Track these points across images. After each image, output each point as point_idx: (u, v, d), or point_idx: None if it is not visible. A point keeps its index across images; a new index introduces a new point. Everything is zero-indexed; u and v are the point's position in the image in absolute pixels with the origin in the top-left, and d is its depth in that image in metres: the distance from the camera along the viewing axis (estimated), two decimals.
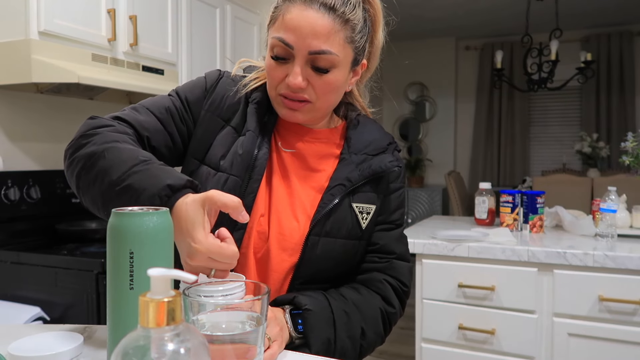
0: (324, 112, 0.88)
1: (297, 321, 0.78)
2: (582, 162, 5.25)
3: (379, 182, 0.90)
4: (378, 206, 0.89)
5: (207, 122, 0.87)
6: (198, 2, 2.47)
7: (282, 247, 0.84)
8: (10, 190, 1.83)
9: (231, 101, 0.89)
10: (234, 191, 0.82)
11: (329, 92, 0.82)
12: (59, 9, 1.75)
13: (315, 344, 0.77)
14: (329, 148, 0.91)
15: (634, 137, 2.07)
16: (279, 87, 0.82)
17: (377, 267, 0.90)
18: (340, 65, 0.81)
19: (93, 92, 2.15)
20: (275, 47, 0.80)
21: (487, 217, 2.16)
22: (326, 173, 0.89)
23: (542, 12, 4.49)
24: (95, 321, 1.55)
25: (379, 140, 0.92)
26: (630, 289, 1.60)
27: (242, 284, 0.65)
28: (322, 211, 0.84)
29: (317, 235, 0.83)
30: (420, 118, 6.30)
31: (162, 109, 0.86)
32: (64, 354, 0.68)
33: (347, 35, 0.79)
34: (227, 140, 0.86)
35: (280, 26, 0.79)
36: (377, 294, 0.88)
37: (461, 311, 1.80)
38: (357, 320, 0.83)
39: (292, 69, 0.79)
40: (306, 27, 0.76)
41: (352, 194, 0.86)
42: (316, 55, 0.78)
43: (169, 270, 0.39)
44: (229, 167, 0.83)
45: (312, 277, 0.85)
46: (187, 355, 0.38)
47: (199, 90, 0.90)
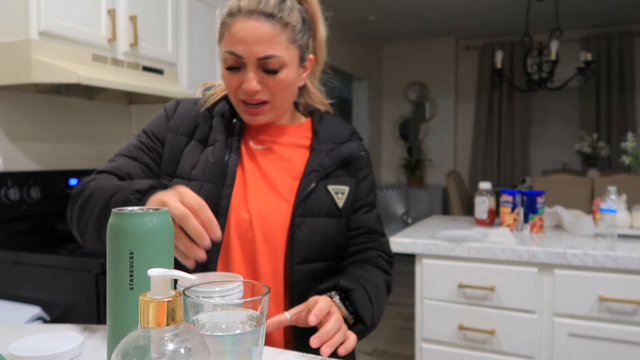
0: (283, 108, 0.96)
1: (345, 303, 0.86)
2: (582, 162, 5.25)
3: (349, 166, 1.00)
4: (352, 187, 0.99)
5: (172, 142, 0.97)
6: (198, 2, 2.47)
7: (264, 229, 0.91)
8: (10, 190, 1.83)
9: (192, 119, 0.98)
10: (210, 196, 0.89)
11: (283, 89, 0.90)
12: (59, 9, 1.75)
13: (367, 318, 0.87)
14: (297, 140, 1.00)
15: (634, 137, 2.07)
16: (238, 93, 0.91)
17: (370, 246, 1.01)
18: (289, 64, 0.89)
19: (93, 92, 2.16)
20: (228, 60, 0.88)
21: (487, 217, 2.16)
22: (299, 162, 0.97)
23: (542, 12, 4.49)
24: (95, 321, 1.55)
25: (343, 131, 1.02)
26: (630, 289, 1.60)
27: (240, 284, 0.65)
28: (301, 194, 0.92)
29: (301, 216, 0.91)
30: (420, 118, 6.30)
31: (131, 149, 0.97)
32: (64, 354, 0.68)
33: (288, 36, 0.87)
34: (194, 153, 0.95)
35: (228, 40, 0.87)
36: (378, 269, 0.99)
37: (461, 311, 1.80)
38: (377, 293, 0.94)
39: (246, 75, 0.88)
40: (251, 37, 0.85)
41: (326, 178, 0.95)
42: (265, 60, 0.86)
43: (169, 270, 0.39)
44: (201, 175, 0.92)
45: (306, 256, 0.92)
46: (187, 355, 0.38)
47: (161, 120, 1.00)
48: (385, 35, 5.98)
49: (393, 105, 6.47)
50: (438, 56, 6.16)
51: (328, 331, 0.75)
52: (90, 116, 2.31)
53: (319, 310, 0.77)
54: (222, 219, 0.89)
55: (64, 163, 2.18)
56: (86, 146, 2.29)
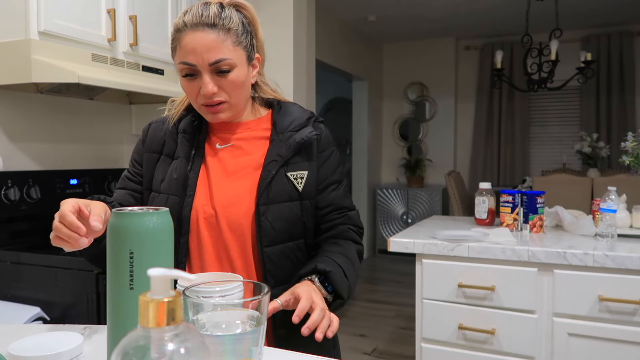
0: (241, 105, 1.05)
1: (325, 284, 0.96)
2: (582, 162, 5.25)
3: (306, 151, 1.07)
4: (312, 170, 1.06)
5: (147, 160, 1.10)
6: (198, 2, 2.47)
7: (230, 220, 1.01)
8: (10, 190, 1.83)
9: (159, 136, 1.10)
10: (174, 207, 1.01)
11: (237, 88, 1.00)
12: (59, 9, 1.75)
13: (345, 294, 0.97)
14: (259, 133, 1.09)
15: (634, 137, 2.07)
16: (198, 99, 1.00)
17: (339, 222, 1.10)
18: (238, 65, 0.98)
19: (93, 92, 2.16)
20: (183, 69, 0.98)
21: (487, 217, 2.16)
22: (260, 153, 1.06)
23: (542, 12, 4.49)
24: (95, 321, 1.55)
25: (299, 118, 1.09)
26: (630, 289, 1.60)
27: (240, 284, 0.65)
28: (262, 185, 1.00)
29: (264, 204, 1.00)
30: (420, 118, 6.30)
31: (122, 180, 1.13)
32: (64, 354, 0.68)
33: (232, 40, 0.97)
34: (164, 167, 1.07)
35: (180, 53, 0.98)
36: (349, 241, 1.10)
37: (461, 311, 1.80)
38: (350, 265, 1.03)
39: (202, 81, 0.97)
40: (200, 46, 0.95)
41: (285, 165, 1.03)
42: (216, 64, 0.96)
43: (169, 270, 0.39)
44: (167, 188, 1.04)
45: (274, 239, 1.01)
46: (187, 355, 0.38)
47: (138, 145, 1.13)
48: (385, 35, 5.98)
49: (393, 105, 6.47)
50: (438, 56, 6.16)
51: (315, 320, 0.82)
52: (90, 116, 2.31)
53: (300, 310, 0.83)
54: (186, 226, 1.01)
55: (63, 163, 2.18)
56: (86, 146, 2.29)
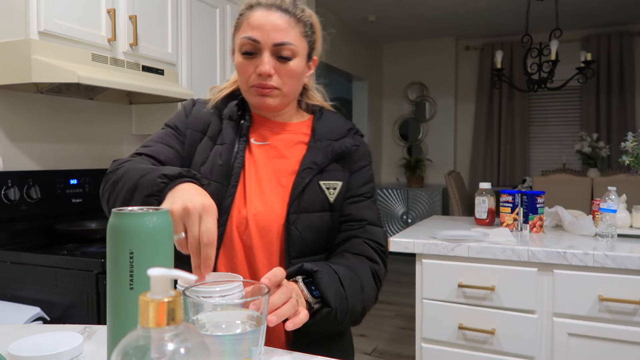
0: (289, 98, 1.02)
1: (311, 288, 0.85)
2: (582, 162, 5.25)
3: (343, 161, 1.03)
4: (345, 182, 1.02)
5: (190, 138, 1.04)
6: (198, 2, 2.47)
7: (259, 226, 0.96)
8: (10, 190, 1.83)
9: (204, 117, 1.05)
10: (215, 194, 0.92)
11: (292, 78, 0.98)
12: (59, 9, 1.75)
13: (333, 300, 0.84)
14: (298, 137, 1.05)
15: (634, 137, 2.07)
16: (251, 79, 0.97)
17: (354, 233, 1.00)
18: (299, 55, 0.97)
19: (93, 92, 2.15)
20: (245, 45, 0.95)
21: (487, 217, 2.16)
22: (296, 159, 1.02)
23: (542, 12, 4.49)
24: (95, 321, 1.55)
25: (340, 128, 1.06)
26: (630, 289, 1.60)
27: (240, 284, 0.65)
28: (295, 193, 0.97)
29: (295, 213, 0.96)
30: (420, 118, 6.30)
31: (164, 136, 1.04)
32: (64, 354, 0.68)
33: (301, 30, 0.97)
34: (205, 150, 1.01)
35: (247, 28, 0.95)
36: (362, 256, 0.98)
37: (461, 311, 1.80)
38: (355, 278, 0.92)
39: (261, 59, 0.94)
40: (268, 25, 0.93)
41: (319, 174, 0.99)
42: (280, 46, 0.94)
43: (169, 270, 0.39)
44: (209, 173, 0.98)
45: (302, 250, 0.95)
46: (187, 355, 0.38)
47: (182, 117, 1.07)
48: (385, 35, 5.98)
49: (393, 105, 6.47)
50: (438, 56, 6.16)
51: (273, 303, 0.71)
52: (90, 116, 2.31)
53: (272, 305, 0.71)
54: (225, 216, 0.95)
55: (64, 163, 2.18)
56: (86, 146, 2.29)
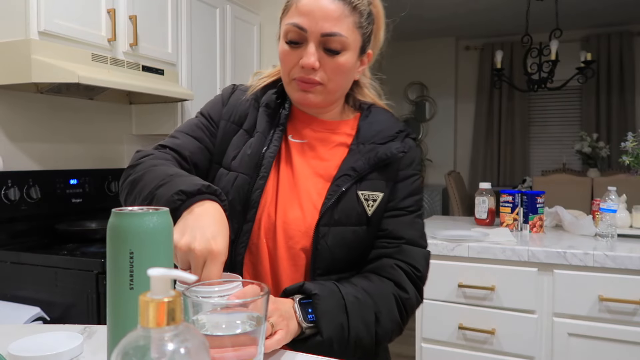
0: (334, 95, 0.91)
1: (307, 310, 0.76)
2: (582, 162, 5.25)
3: (387, 169, 0.90)
4: (387, 193, 0.90)
5: (223, 130, 0.95)
6: (198, 2, 2.47)
7: (287, 235, 0.87)
8: (10, 190, 1.83)
9: (242, 107, 0.96)
10: (243, 188, 0.88)
11: (340, 74, 0.86)
12: (59, 9, 1.75)
13: (327, 329, 0.75)
14: (340, 138, 0.94)
15: (634, 137, 2.07)
16: (293, 71, 0.86)
17: (387, 253, 0.88)
18: (350, 49, 0.85)
19: (93, 92, 2.15)
20: (290, 33, 0.84)
21: (487, 217, 2.16)
22: (335, 162, 0.91)
23: (542, 12, 4.49)
24: (95, 321, 1.55)
25: (388, 129, 0.94)
26: (630, 289, 1.60)
27: (239, 284, 0.65)
28: (328, 203, 0.86)
29: (326, 226, 0.85)
30: (420, 118, 6.30)
31: (194, 128, 0.95)
32: (64, 354, 0.68)
33: (355, 20, 0.84)
34: (239, 143, 0.93)
35: (294, 13, 0.84)
36: (388, 280, 0.86)
37: (461, 311, 1.80)
38: (369, 305, 0.81)
39: (306, 50, 0.83)
40: (318, 12, 0.82)
41: (359, 182, 0.88)
42: (328, 37, 0.82)
43: (169, 270, 0.39)
44: (238, 166, 0.90)
45: (330, 267, 0.85)
46: (187, 355, 0.38)
47: (218, 105, 0.98)
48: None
49: (393, 105, 6.46)
50: (438, 56, 6.15)
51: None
52: (90, 116, 2.31)
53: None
54: (253, 211, 0.87)
55: (64, 163, 2.18)
56: (86, 146, 2.29)
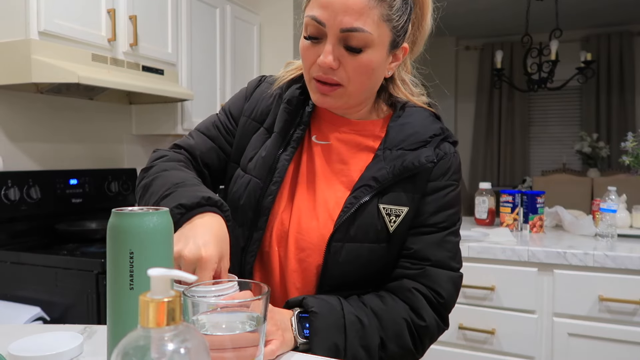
0: (358, 98, 0.82)
1: (305, 325, 0.72)
2: (582, 162, 5.25)
3: (415, 179, 0.80)
4: (412, 208, 0.80)
5: (244, 127, 0.90)
6: (198, 2, 2.47)
7: (299, 246, 0.81)
8: (10, 190, 1.83)
9: (265, 103, 0.90)
10: (254, 193, 0.82)
11: (362, 74, 0.77)
12: (59, 9, 1.75)
13: (319, 349, 0.71)
14: (367, 141, 0.85)
15: (634, 137, 2.07)
16: (312, 69, 0.78)
17: (408, 274, 0.80)
18: (375, 46, 0.75)
19: (93, 92, 2.16)
20: (309, 27, 0.76)
21: (487, 217, 2.16)
22: (358, 168, 0.83)
23: (542, 12, 4.49)
24: (95, 321, 1.55)
25: (421, 133, 0.83)
26: (630, 289, 1.60)
27: (235, 284, 0.65)
28: (344, 216, 0.78)
29: (339, 241, 0.78)
30: None
31: (210, 127, 0.92)
32: (64, 354, 0.68)
33: (382, 12, 0.73)
34: (258, 142, 0.87)
35: (314, 4, 0.75)
36: (404, 303, 0.79)
37: (461, 311, 1.80)
38: (374, 329, 0.75)
39: (323, 48, 0.75)
40: (338, 3, 0.72)
41: (381, 194, 0.79)
42: (348, 33, 0.73)
43: (169, 270, 0.39)
44: (253, 168, 0.84)
45: (341, 282, 0.79)
46: (187, 355, 0.38)
47: (240, 100, 0.93)
48: None
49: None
50: (438, 56, 6.15)
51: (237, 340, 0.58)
52: (90, 116, 2.31)
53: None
54: (264, 218, 0.81)
55: (64, 163, 2.18)
56: (86, 146, 2.29)
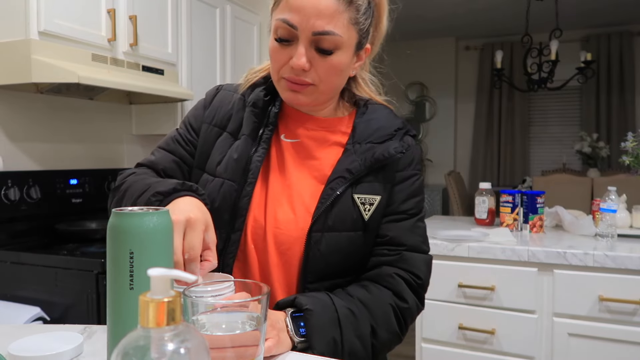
0: (327, 96, 0.86)
1: (299, 324, 0.74)
2: (582, 162, 5.25)
3: (384, 170, 0.86)
4: (384, 196, 0.85)
5: (206, 134, 0.91)
6: (198, 2, 2.47)
7: (278, 240, 0.83)
8: (10, 190, 1.83)
9: (225, 109, 0.92)
10: (230, 195, 0.84)
11: (333, 75, 0.81)
12: (59, 9, 1.75)
13: (318, 345, 0.73)
14: (335, 137, 0.89)
15: (634, 137, 2.07)
16: (282, 70, 0.81)
17: (387, 261, 0.85)
18: (344, 47, 0.79)
19: (93, 92, 2.16)
20: (279, 29, 0.79)
21: (487, 217, 2.16)
22: (329, 163, 0.87)
23: (542, 12, 4.49)
24: (95, 321, 1.55)
25: (386, 127, 0.89)
26: (630, 289, 1.60)
27: (231, 284, 0.65)
28: (321, 207, 0.82)
29: (319, 232, 0.81)
30: (420, 118, 6.30)
31: (169, 141, 0.94)
32: (64, 354, 0.68)
33: (351, 16, 0.78)
34: (224, 146, 0.89)
35: (285, 7, 0.78)
36: (387, 289, 0.83)
37: (461, 311, 1.80)
38: (365, 318, 0.79)
39: (296, 50, 0.78)
40: (310, 8, 0.75)
41: (354, 185, 0.84)
42: (320, 36, 0.77)
43: (169, 270, 0.39)
44: (224, 171, 0.86)
45: (322, 274, 0.82)
46: (187, 355, 0.38)
47: (199, 110, 0.95)
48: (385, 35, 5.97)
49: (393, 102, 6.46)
50: (438, 56, 6.15)
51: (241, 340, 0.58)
52: (90, 116, 2.31)
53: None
54: (241, 219, 0.84)
55: (64, 163, 2.18)
56: (86, 146, 2.29)
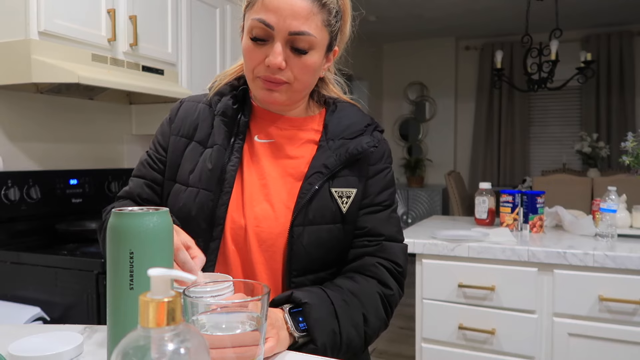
0: (301, 94, 0.89)
1: (298, 319, 0.76)
2: (582, 162, 5.25)
3: (358, 165, 0.90)
4: (360, 189, 0.89)
5: (173, 146, 0.93)
6: (198, 2, 2.47)
7: (261, 238, 0.86)
8: (10, 190, 1.83)
9: (191, 119, 0.93)
10: (206, 204, 0.86)
11: (307, 74, 0.84)
12: (59, 9, 1.75)
13: (320, 337, 0.75)
14: (307, 135, 0.93)
15: (634, 137, 2.07)
16: (257, 69, 0.84)
17: (368, 251, 0.89)
18: (318, 48, 0.83)
19: (93, 92, 2.16)
20: (255, 29, 0.81)
21: (487, 217, 2.16)
22: (305, 160, 0.90)
23: (542, 12, 4.49)
24: (95, 321, 1.55)
25: (357, 124, 0.92)
26: (630, 289, 1.60)
27: (230, 284, 0.65)
28: (302, 201, 0.84)
29: (300, 225, 0.84)
30: (420, 118, 6.30)
31: (140, 167, 0.96)
32: (64, 354, 0.68)
33: (324, 18, 0.82)
34: (194, 155, 0.90)
35: (260, 8, 0.80)
36: (372, 279, 0.87)
37: (461, 311, 1.80)
38: (357, 307, 0.82)
39: (272, 49, 0.80)
40: (286, 9, 0.78)
41: (331, 179, 0.87)
42: (296, 36, 0.80)
43: (169, 270, 0.39)
44: (197, 181, 0.87)
45: (306, 268, 0.85)
46: (187, 355, 0.38)
47: (165, 127, 0.97)
48: (385, 35, 5.98)
49: (393, 105, 6.46)
50: (438, 56, 6.15)
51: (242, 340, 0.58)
52: (90, 116, 2.31)
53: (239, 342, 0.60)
54: (219, 227, 0.86)
55: (64, 163, 2.18)
56: (86, 146, 2.29)
